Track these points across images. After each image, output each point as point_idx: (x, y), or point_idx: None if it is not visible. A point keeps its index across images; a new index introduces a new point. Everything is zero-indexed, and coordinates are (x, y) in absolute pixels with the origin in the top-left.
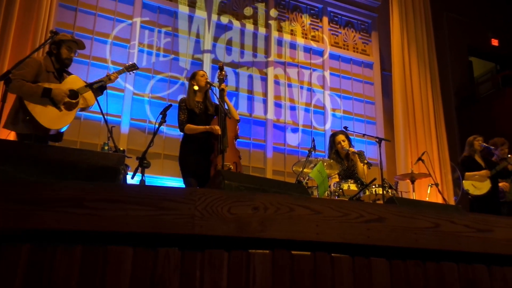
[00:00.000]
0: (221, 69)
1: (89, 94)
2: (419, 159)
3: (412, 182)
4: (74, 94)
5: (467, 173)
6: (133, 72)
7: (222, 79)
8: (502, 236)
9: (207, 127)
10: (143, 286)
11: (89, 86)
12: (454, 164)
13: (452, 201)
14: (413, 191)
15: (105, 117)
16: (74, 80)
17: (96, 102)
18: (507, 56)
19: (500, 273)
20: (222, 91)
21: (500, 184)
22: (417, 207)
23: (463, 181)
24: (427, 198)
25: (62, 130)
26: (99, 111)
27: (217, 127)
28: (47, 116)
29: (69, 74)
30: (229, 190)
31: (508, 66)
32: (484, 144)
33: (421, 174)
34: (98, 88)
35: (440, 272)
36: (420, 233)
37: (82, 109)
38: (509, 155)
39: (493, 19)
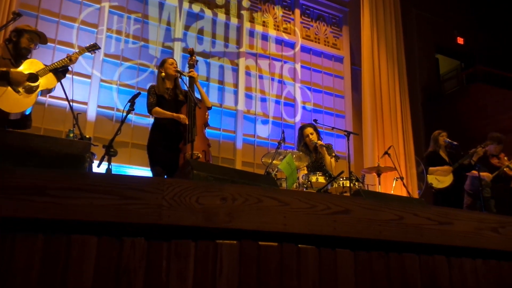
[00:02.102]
0: (191, 54)
1: (49, 77)
2: (386, 153)
3: (378, 175)
4: (33, 77)
5: (430, 168)
6: (95, 52)
7: (193, 64)
8: (461, 228)
9: (175, 114)
10: (108, 276)
11: (49, 68)
12: (418, 159)
13: (416, 195)
14: (379, 184)
15: (71, 103)
16: (33, 63)
17: (61, 86)
18: (472, 54)
19: (458, 264)
20: (192, 77)
21: (483, 174)
22: (382, 200)
23: (427, 175)
24: (392, 191)
25: (26, 113)
26: (65, 97)
27: (184, 117)
28: (6, 100)
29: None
30: (198, 180)
31: (472, 64)
32: (448, 139)
33: (387, 167)
34: (60, 70)
35: (402, 263)
36: (385, 225)
37: (43, 92)
38: (474, 149)
39: (459, 18)
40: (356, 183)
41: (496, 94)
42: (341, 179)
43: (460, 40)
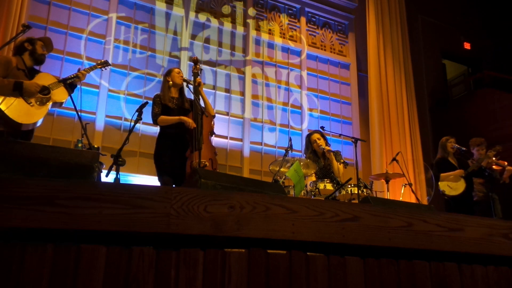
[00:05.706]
0: (195, 62)
1: (60, 90)
2: (394, 159)
3: (387, 182)
4: (45, 89)
5: (442, 174)
6: (105, 69)
7: (197, 73)
8: (472, 235)
9: (182, 117)
10: (117, 286)
11: (61, 82)
12: (427, 164)
13: (425, 201)
14: (388, 190)
15: (79, 113)
16: (45, 76)
17: (70, 98)
18: (479, 59)
19: (469, 271)
20: (197, 86)
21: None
22: (391, 207)
23: (439, 182)
24: (401, 198)
25: (37, 125)
26: (73, 107)
27: (191, 121)
28: (18, 111)
29: (38, 72)
30: (206, 189)
31: (480, 69)
32: (456, 145)
33: (395, 174)
34: (69, 85)
35: (412, 270)
36: (394, 232)
37: (54, 105)
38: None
39: (465, 24)
40: (364, 190)
41: (504, 99)
42: (349, 186)
43: (467, 45)
